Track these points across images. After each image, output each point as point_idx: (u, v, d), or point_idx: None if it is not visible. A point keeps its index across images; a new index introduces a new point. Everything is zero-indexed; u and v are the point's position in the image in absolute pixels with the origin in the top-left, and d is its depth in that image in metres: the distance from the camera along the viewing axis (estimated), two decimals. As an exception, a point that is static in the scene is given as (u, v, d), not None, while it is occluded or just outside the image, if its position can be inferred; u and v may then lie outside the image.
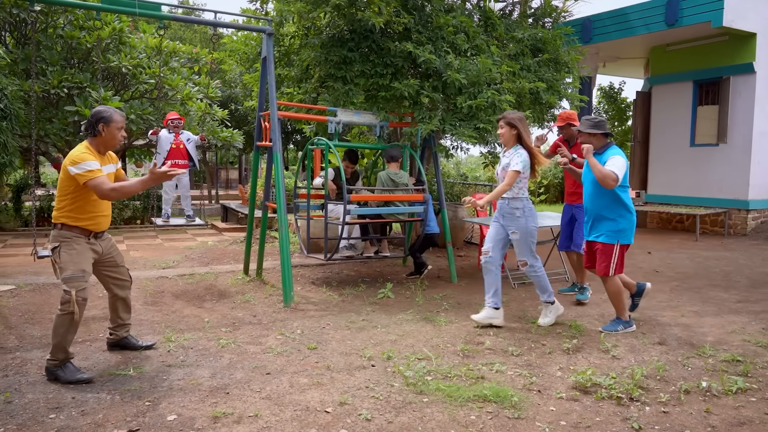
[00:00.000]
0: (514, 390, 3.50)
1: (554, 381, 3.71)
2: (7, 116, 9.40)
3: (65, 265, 3.66)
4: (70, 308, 3.59)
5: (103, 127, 3.75)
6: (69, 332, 3.65)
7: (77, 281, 3.65)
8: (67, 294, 3.60)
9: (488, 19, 7.64)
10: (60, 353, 3.63)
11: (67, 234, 3.69)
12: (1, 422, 3.01)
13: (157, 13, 5.63)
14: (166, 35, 6.48)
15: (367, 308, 5.54)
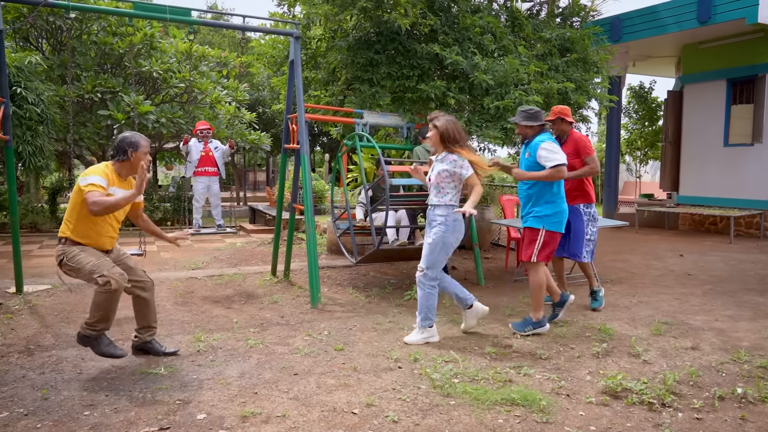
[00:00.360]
0: (542, 394, 3.47)
1: (583, 385, 3.66)
2: (44, 121, 9.67)
3: (82, 263, 3.74)
4: (111, 287, 3.66)
5: (132, 153, 3.87)
6: (113, 305, 3.77)
7: (103, 265, 3.72)
8: (103, 278, 3.66)
9: (515, 19, 7.58)
10: (102, 324, 3.78)
11: (65, 248, 3.82)
12: (38, 418, 3.10)
13: (187, 18, 5.73)
14: (195, 40, 6.59)
15: (393, 310, 5.55)
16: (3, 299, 5.69)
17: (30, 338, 4.53)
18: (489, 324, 5.04)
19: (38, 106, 9.43)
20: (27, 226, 11.40)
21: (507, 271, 7.67)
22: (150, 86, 12.72)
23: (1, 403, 3.27)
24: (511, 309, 5.58)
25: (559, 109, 5.40)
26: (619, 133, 13.74)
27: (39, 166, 9.88)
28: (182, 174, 22.39)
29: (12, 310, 5.33)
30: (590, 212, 5.50)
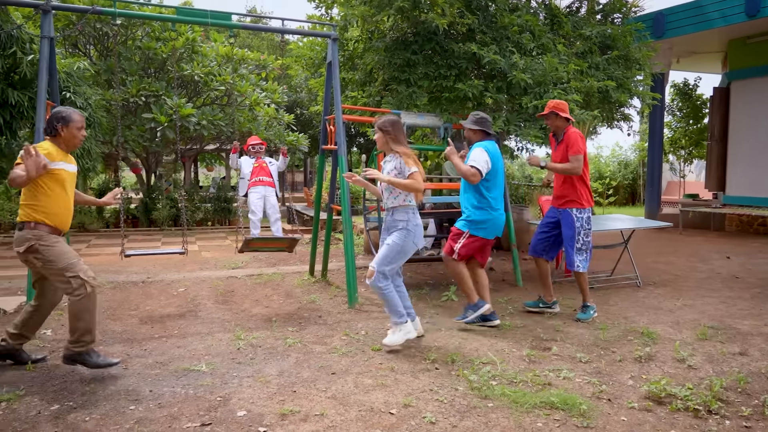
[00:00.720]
0: (582, 398, 3.41)
1: (625, 390, 3.58)
2: (91, 124, 9.98)
3: (57, 257, 3.60)
4: (86, 290, 3.58)
5: (62, 128, 3.76)
6: (93, 313, 3.66)
7: (79, 265, 3.63)
8: (76, 279, 3.57)
9: (554, 17, 7.48)
10: (87, 336, 3.65)
11: (38, 232, 3.64)
12: (87, 411, 3.21)
13: (228, 22, 5.84)
14: (235, 43, 6.70)
15: (430, 311, 5.54)
16: (53, 296, 5.89)
17: (78, 334, 4.68)
18: (528, 327, 4.98)
19: (86, 110, 9.74)
20: (75, 226, 11.79)
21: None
22: (191, 89, 13.01)
23: (52, 396, 3.40)
24: (550, 312, 5.50)
25: (554, 103, 5.11)
26: (662, 132, 13.40)
27: (87, 168, 10.20)
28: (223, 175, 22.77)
29: (62, 307, 5.52)
30: (583, 218, 5.10)
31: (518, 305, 5.75)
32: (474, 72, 7.16)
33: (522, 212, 9.21)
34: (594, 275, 7.22)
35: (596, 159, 22.95)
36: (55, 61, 5.40)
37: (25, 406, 3.26)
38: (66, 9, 5.64)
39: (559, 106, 5.08)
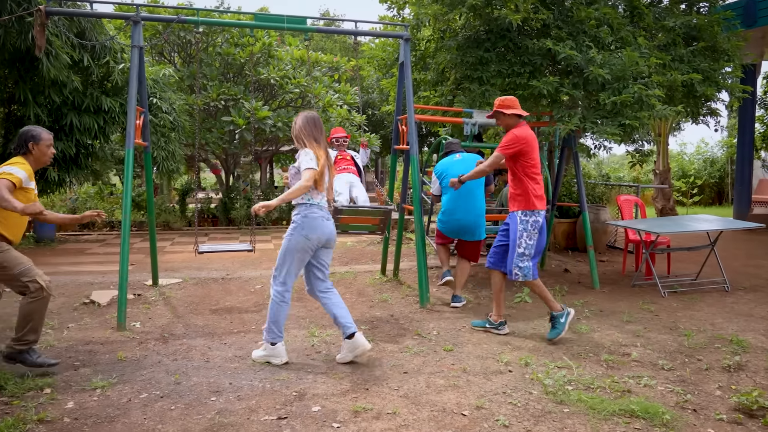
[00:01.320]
0: (665, 407, 3.26)
1: (713, 400, 3.40)
2: (175, 128, 10.53)
3: (10, 263, 3.66)
4: (43, 293, 3.69)
5: (32, 145, 3.84)
6: (43, 314, 3.78)
7: (32, 270, 3.70)
8: (33, 283, 3.66)
9: (635, 8, 7.18)
10: (32, 335, 3.72)
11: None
12: (172, 401, 3.39)
13: (303, 26, 5.98)
14: (309, 46, 6.85)
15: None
16: (141, 291, 6.26)
17: (164, 327, 4.95)
18: (605, 331, 4.82)
19: (170, 115, 10.28)
20: (161, 225, 12.43)
21: (624, 275, 7.27)
22: (268, 92, 13.43)
23: (140, 385, 3.61)
24: (629, 315, 5.29)
25: (500, 101, 4.72)
26: (753, 127, 12.57)
27: (171, 169, 10.76)
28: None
29: (149, 301, 5.85)
30: (528, 221, 4.56)
31: (595, 308, 5.56)
32: (549, 68, 6.99)
33: (599, 212, 8.90)
34: (678, 278, 6.88)
35: (679, 156, 21.82)
36: (144, 68, 5.72)
37: (117, 394, 3.48)
38: (154, 19, 5.97)
39: (503, 104, 4.68)
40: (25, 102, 8.29)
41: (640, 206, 7.90)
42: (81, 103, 8.89)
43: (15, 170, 3.66)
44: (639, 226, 6.57)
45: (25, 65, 8.09)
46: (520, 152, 4.55)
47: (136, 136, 5.36)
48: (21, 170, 3.69)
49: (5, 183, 3.56)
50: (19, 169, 3.69)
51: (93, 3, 5.60)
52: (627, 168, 17.77)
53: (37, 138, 3.86)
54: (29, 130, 3.88)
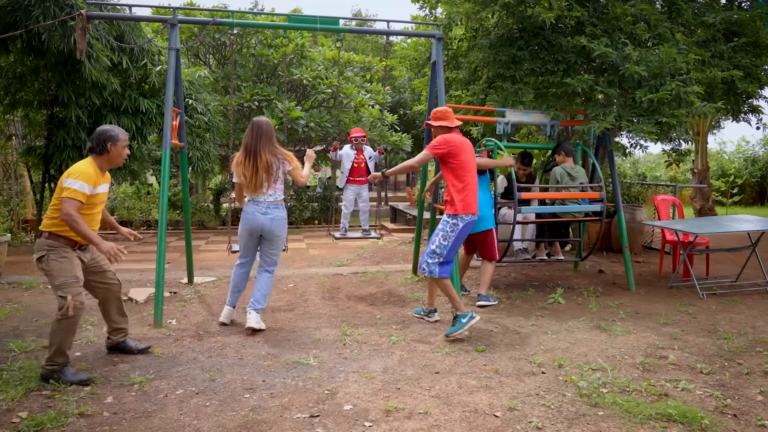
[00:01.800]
0: (704, 412, 3.18)
1: (754, 406, 3.30)
2: (210, 128, 10.71)
3: (56, 273, 3.63)
4: (68, 313, 3.58)
5: (111, 145, 3.81)
6: (68, 336, 3.64)
7: (71, 287, 3.62)
8: (63, 300, 3.58)
9: (673, 4, 7.02)
10: (60, 357, 3.63)
11: (53, 243, 3.67)
12: (207, 397, 3.45)
13: (335, 26, 6.02)
14: (342, 47, 6.90)
15: (536, 313, 5.40)
16: (177, 289, 6.38)
17: (199, 324, 5.04)
18: (641, 333, 4.72)
19: (205, 116, 10.47)
20: (195, 224, 12.68)
21: (661, 277, 7.12)
22: (300, 93, 13.55)
23: (177, 382, 3.69)
24: (666, 317, 5.18)
25: (433, 112, 4.86)
26: (798, 124, 12.13)
27: (206, 169, 10.96)
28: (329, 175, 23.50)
29: (185, 299, 5.97)
30: (448, 222, 4.65)
31: (630, 310, 5.46)
32: (583, 66, 6.88)
33: (635, 212, 8.73)
34: (717, 280, 6.71)
35: (718, 155, 21.23)
36: (180, 70, 5.83)
37: (154, 389, 3.56)
38: (190, 22, 6.09)
39: (434, 116, 4.83)
40: (67, 104, 8.54)
41: (678, 206, 7.73)
42: (120, 105, 9.11)
43: (78, 185, 3.61)
44: (677, 226, 6.42)
45: (67, 68, 8.33)
46: (448, 154, 4.65)
47: (173, 137, 5.47)
48: (84, 183, 3.64)
49: (75, 205, 3.58)
50: (83, 183, 3.63)
51: (132, 7, 5.74)
52: (663, 167, 17.37)
53: (115, 138, 3.83)
54: (108, 130, 3.84)
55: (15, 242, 9.29)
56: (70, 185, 3.60)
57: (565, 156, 6.41)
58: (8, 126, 10.62)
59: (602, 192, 6.16)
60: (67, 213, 3.53)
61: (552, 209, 6.22)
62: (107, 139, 3.81)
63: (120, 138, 3.86)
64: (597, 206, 6.18)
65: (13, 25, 7.42)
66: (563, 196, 6.22)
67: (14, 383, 3.57)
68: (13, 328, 4.83)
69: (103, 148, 3.80)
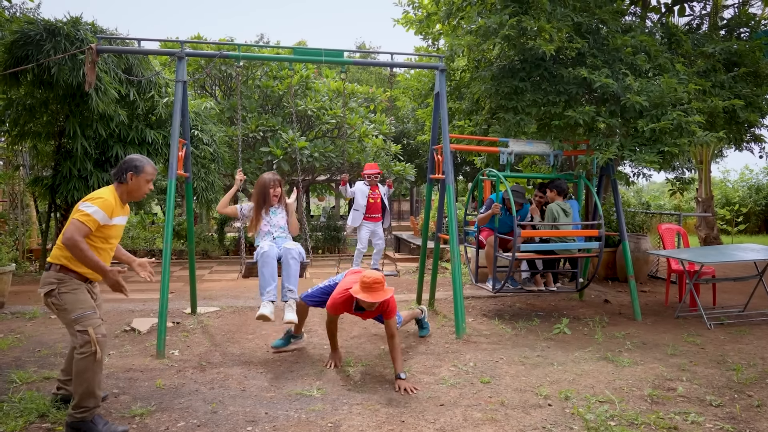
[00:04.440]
0: (714, 445, 3.12)
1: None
2: (215, 159, 10.80)
3: (71, 306, 3.32)
4: (91, 348, 3.27)
5: (131, 176, 3.53)
6: (96, 374, 3.30)
7: (90, 318, 3.33)
8: (84, 334, 3.28)
9: (672, 35, 7.12)
10: (90, 400, 3.28)
11: (62, 276, 3.37)
12: (209, 430, 3.41)
13: (340, 59, 6.12)
14: (346, 78, 7.00)
15: (541, 343, 5.35)
16: (180, 319, 6.36)
17: (202, 355, 5.01)
18: (648, 364, 4.66)
19: (211, 146, 10.57)
20: (199, 253, 12.68)
21: (667, 306, 7.06)
22: (305, 123, 13.69)
23: (178, 414, 3.65)
24: (674, 348, 5.12)
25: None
26: (801, 153, 12.14)
27: (210, 199, 11.01)
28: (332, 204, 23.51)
29: (188, 329, 5.94)
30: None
31: (637, 340, 5.40)
32: (585, 97, 6.95)
33: (639, 241, 8.70)
34: (725, 310, 6.65)
35: (722, 184, 21.25)
36: (186, 102, 5.92)
37: (155, 421, 3.52)
38: (197, 55, 6.19)
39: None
40: (75, 135, 8.64)
41: (683, 235, 7.70)
42: (126, 136, 9.21)
43: (93, 210, 3.33)
44: (682, 255, 6.40)
45: (76, 100, 8.46)
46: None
47: (178, 167, 5.52)
48: (99, 210, 3.34)
49: (84, 230, 3.28)
50: (98, 209, 3.34)
51: (141, 41, 5.85)
52: (667, 196, 17.37)
53: (139, 170, 3.55)
54: (134, 159, 3.58)
55: (19, 272, 9.30)
56: (84, 209, 3.32)
57: (556, 194, 6.46)
58: (16, 156, 10.73)
59: (601, 230, 6.19)
60: (71, 237, 3.21)
61: (550, 246, 6.23)
62: (129, 169, 3.54)
63: (145, 170, 3.58)
64: (595, 244, 6.23)
65: (25, 59, 7.57)
66: (565, 233, 6.23)
67: (15, 415, 3.53)
68: (15, 358, 4.80)
69: (122, 177, 3.53)
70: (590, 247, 6.29)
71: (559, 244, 6.25)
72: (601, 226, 6.24)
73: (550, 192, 6.53)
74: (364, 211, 7.27)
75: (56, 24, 7.80)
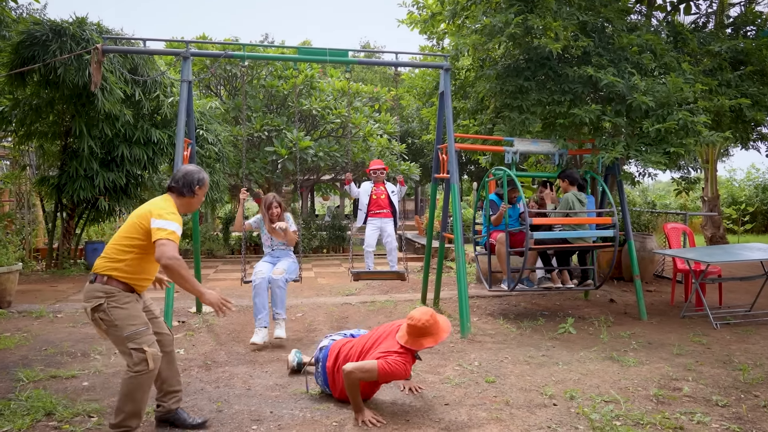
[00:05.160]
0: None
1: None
2: (220, 158, 10.82)
3: (123, 322, 3.12)
4: (148, 367, 3.10)
5: (198, 189, 3.41)
6: (146, 394, 3.17)
7: (144, 335, 3.15)
8: (139, 352, 3.09)
9: (678, 34, 7.09)
10: (134, 420, 3.15)
11: (111, 288, 3.15)
12: (214, 429, 3.42)
13: (345, 58, 6.12)
14: (350, 78, 7.00)
15: (546, 343, 5.34)
16: (186, 318, 6.38)
17: (207, 354, 5.02)
18: (654, 364, 4.65)
19: (216, 146, 10.60)
20: (204, 252, 12.72)
21: (673, 306, 7.04)
22: (309, 123, 13.71)
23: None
24: (679, 347, 5.10)
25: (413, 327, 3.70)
26: (808, 152, 12.08)
27: (215, 198, 11.04)
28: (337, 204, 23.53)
29: (193, 328, 5.96)
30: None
31: (642, 340, 5.39)
32: (590, 96, 6.93)
33: (645, 241, 8.67)
34: (731, 310, 6.62)
35: (729, 183, 21.15)
36: (192, 101, 5.93)
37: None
38: (202, 55, 6.22)
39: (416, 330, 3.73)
40: (81, 135, 8.68)
41: (689, 234, 7.68)
42: (132, 136, 9.25)
43: (175, 227, 3.14)
44: (688, 255, 6.37)
45: (82, 100, 8.50)
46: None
47: (184, 167, 5.52)
48: (179, 226, 3.18)
49: (176, 248, 3.09)
50: (178, 226, 3.17)
51: (146, 41, 5.87)
52: (673, 195, 17.31)
53: (203, 182, 3.43)
54: (196, 172, 3.42)
55: (26, 271, 9.35)
56: (165, 226, 3.08)
57: (569, 184, 6.42)
58: (23, 156, 10.79)
59: (614, 217, 6.13)
60: (173, 257, 3.01)
61: (563, 234, 6.15)
62: (197, 182, 3.38)
63: (206, 182, 3.47)
64: (609, 232, 6.15)
65: (32, 59, 7.61)
66: (577, 221, 6.19)
67: (22, 413, 3.55)
68: (22, 357, 4.83)
69: (191, 191, 3.37)
70: (606, 235, 6.18)
71: (574, 232, 6.14)
72: (613, 213, 6.18)
73: (563, 182, 6.47)
74: (366, 209, 7.14)
75: (62, 24, 7.84)
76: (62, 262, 9.89)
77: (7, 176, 10.33)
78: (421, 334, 3.50)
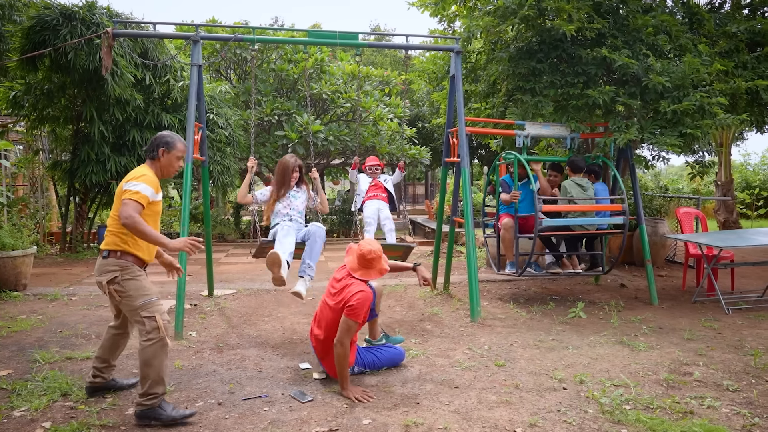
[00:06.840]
0: (730, 430, 3.11)
1: (783, 424, 3.21)
2: (230, 143, 10.83)
3: (136, 293, 3.31)
4: (159, 334, 3.27)
5: (163, 152, 3.46)
6: (163, 360, 3.30)
7: (155, 305, 3.33)
8: (151, 320, 3.27)
9: (694, 14, 6.97)
10: (159, 386, 3.27)
11: (123, 262, 3.34)
12: (226, 410, 3.46)
13: (354, 41, 6.08)
14: (360, 61, 6.95)
15: (556, 327, 5.34)
16: (198, 301, 6.44)
17: (219, 337, 5.07)
18: (665, 348, 4.64)
19: (226, 130, 10.60)
20: (216, 236, 12.79)
21: (685, 291, 7.00)
22: (319, 107, 13.67)
23: (196, 394, 3.71)
24: (691, 332, 5.08)
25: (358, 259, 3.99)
26: (826, 135, 11.90)
27: (225, 183, 11.08)
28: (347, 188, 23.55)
29: (205, 311, 6.01)
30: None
31: (653, 325, 5.37)
32: (603, 78, 6.84)
33: (657, 225, 8.61)
34: (743, 295, 6.58)
35: (743, 167, 20.90)
36: (202, 86, 5.93)
37: (174, 401, 3.58)
38: (212, 38, 6.20)
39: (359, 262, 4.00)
40: (92, 119, 8.71)
41: (701, 219, 7.61)
42: (143, 120, 9.27)
43: (141, 187, 3.27)
44: (700, 239, 6.32)
45: (92, 85, 8.52)
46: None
47: (194, 151, 5.54)
48: (147, 186, 3.30)
49: (138, 207, 3.21)
50: (146, 185, 3.29)
51: (156, 24, 5.86)
52: (686, 179, 17.14)
53: (170, 146, 3.48)
54: (164, 136, 3.51)
55: (40, 255, 9.46)
56: (132, 187, 3.24)
57: (571, 171, 6.38)
58: (35, 141, 10.87)
59: (624, 204, 6.09)
60: (129, 216, 3.14)
61: (565, 222, 6.11)
62: (160, 145, 3.46)
63: (177, 147, 3.50)
64: (619, 219, 6.10)
65: (42, 44, 7.63)
66: (583, 208, 6.15)
67: (38, 394, 3.62)
68: (38, 339, 4.90)
69: (154, 154, 3.46)
70: (615, 222, 6.15)
71: (579, 219, 6.11)
72: (623, 200, 6.13)
73: (567, 169, 6.45)
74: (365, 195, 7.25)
75: (72, 9, 7.84)
76: (76, 246, 10.00)
77: (20, 161, 10.42)
78: (369, 265, 3.86)
